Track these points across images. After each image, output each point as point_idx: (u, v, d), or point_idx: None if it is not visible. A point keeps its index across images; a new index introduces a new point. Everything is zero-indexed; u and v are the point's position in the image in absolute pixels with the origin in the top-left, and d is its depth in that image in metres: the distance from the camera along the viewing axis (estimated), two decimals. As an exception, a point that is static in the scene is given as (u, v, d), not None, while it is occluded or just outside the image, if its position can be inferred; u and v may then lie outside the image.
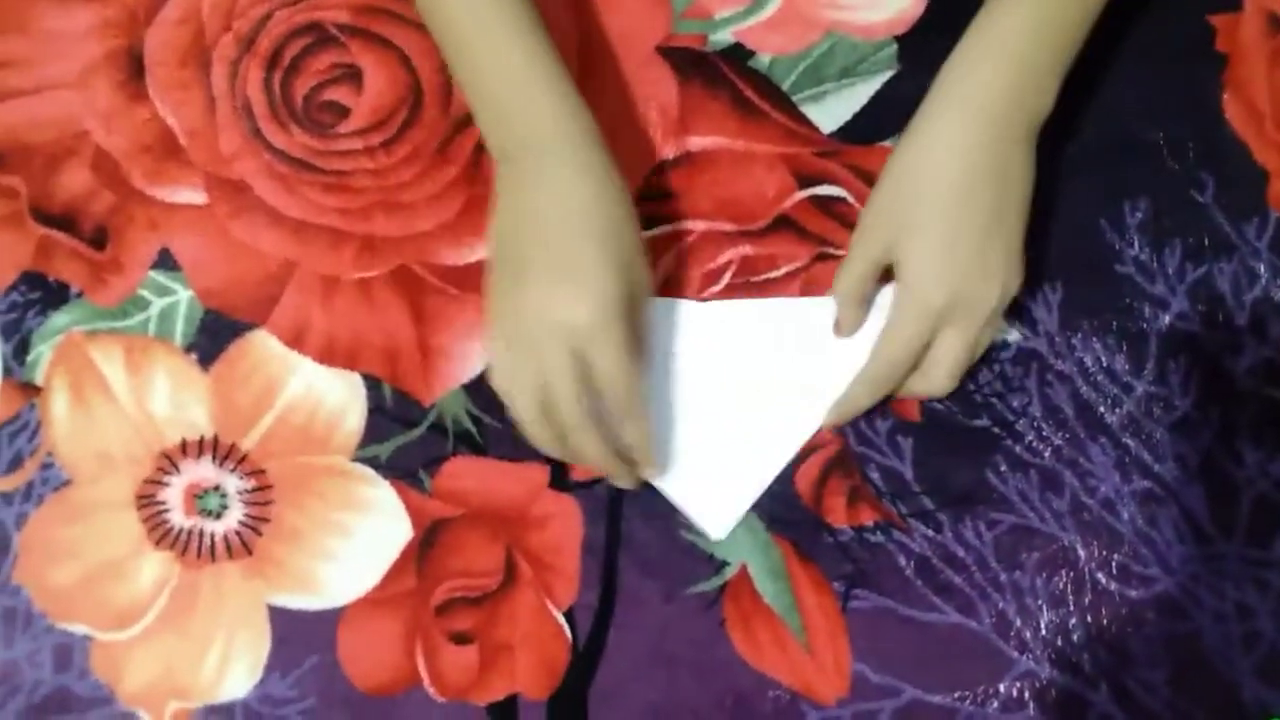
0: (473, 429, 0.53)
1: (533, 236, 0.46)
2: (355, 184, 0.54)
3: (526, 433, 0.48)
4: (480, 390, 0.53)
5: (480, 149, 0.54)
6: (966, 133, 0.46)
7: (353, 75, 0.55)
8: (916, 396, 0.51)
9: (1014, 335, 0.53)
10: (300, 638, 0.51)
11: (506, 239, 0.47)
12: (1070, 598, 0.51)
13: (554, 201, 0.46)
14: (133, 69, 0.56)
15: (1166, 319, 0.53)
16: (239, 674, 0.51)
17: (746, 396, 0.52)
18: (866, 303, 0.51)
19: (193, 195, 0.55)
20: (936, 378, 0.49)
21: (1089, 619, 0.51)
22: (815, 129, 0.54)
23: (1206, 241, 0.53)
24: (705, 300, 0.53)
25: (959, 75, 0.47)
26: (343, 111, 0.55)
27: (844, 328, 0.51)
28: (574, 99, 0.47)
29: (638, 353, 0.47)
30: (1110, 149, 0.54)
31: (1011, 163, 0.47)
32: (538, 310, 0.45)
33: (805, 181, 0.54)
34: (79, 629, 0.52)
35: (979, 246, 0.46)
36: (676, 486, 0.51)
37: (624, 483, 0.50)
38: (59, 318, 0.54)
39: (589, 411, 0.46)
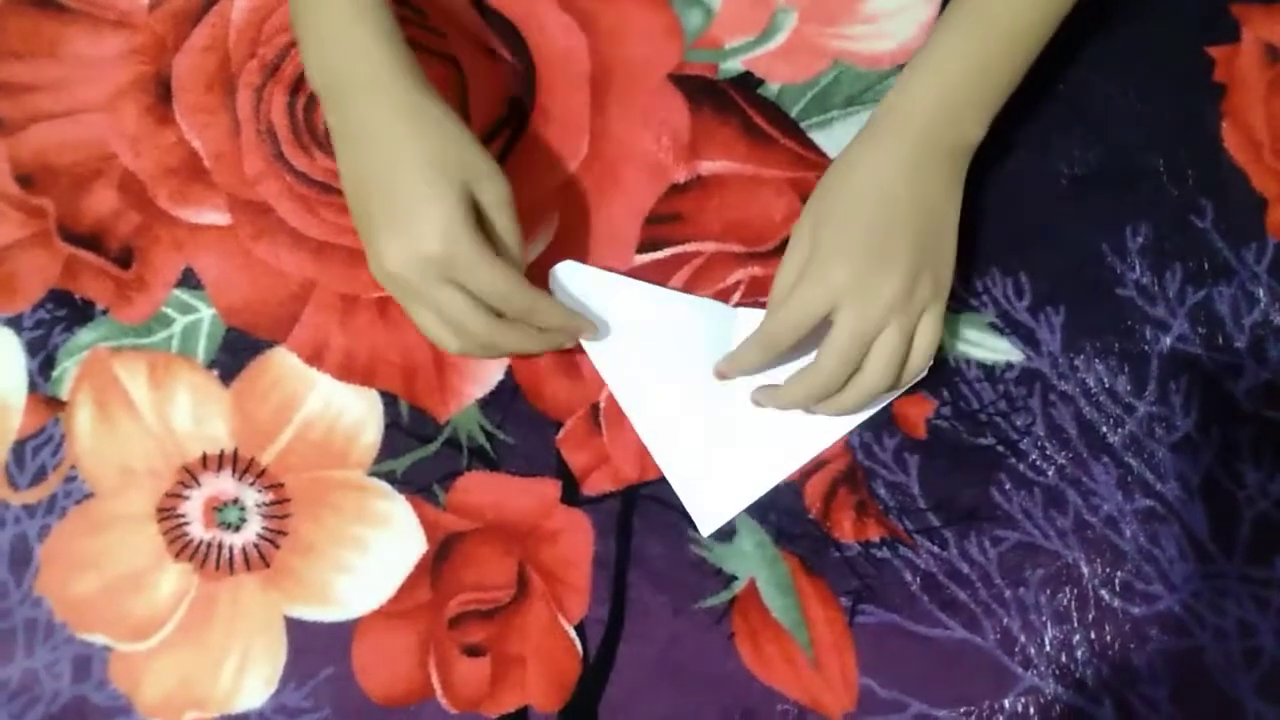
0: (486, 445, 0.54)
1: (368, 189, 0.48)
2: (374, 206, 0.56)
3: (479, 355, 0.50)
4: (494, 407, 0.54)
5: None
6: (888, 149, 0.49)
7: (373, 101, 0.57)
8: (863, 398, 0.49)
9: (1018, 356, 0.54)
10: (316, 649, 0.52)
11: (352, 195, 0.49)
12: (1074, 614, 0.52)
13: (377, 146, 0.47)
14: (160, 94, 0.58)
15: (1167, 341, 0.54)
16: (255, 685, 0.52)
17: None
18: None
19: (216, 216, 0.56)
20: (870, 370, 0.48)
21: (1092, 635, 0.51)
22: (822, 154, 0.56)
23: (1206, 265, 0.54)
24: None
25: (891, 99, 0.50)
26: (363, 136, 0.56)
27: (770, 337, 0.50)
28: (393, 39, 0.48)
29: (508, 247, 0.49)
30: (1112, 175, 0.55)
31: (929, 180, 0.49)
32: (398, 263, 0.46)
33: (813, 205, 0.55)
34: (99, 639, 0.53)
35: (882, 238, 0.48)
36: (678, 476, 0.52)
37: (564, 342, 0.52)
38: (85, 334, 0.55)
39: (492, 319, 0.48)
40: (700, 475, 0.52)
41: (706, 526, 0.52)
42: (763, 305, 0.54)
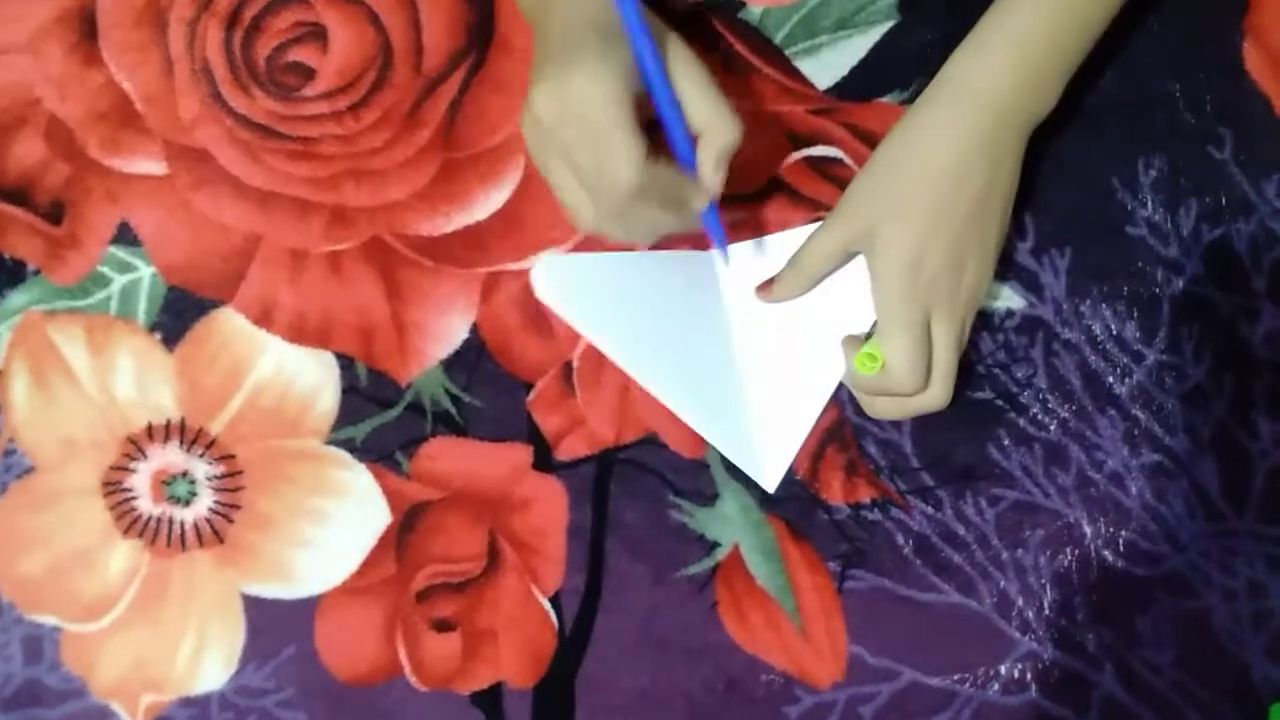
0: (452, 408, 0.51)
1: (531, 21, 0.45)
2: (323, 151, 0.52)
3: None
4: (459, 367, 0.51)
5: (454, 110, 0.51)
6: (964, 121, 0.45)
7: (317, 34, 0.52)
8: (914, 413, 0.47)
9: (1019, 302, 0.50)
10: (276, 627, 0.50)
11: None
12: (1075, 576, 0.49)
13: None
14: (85, 31, 0.53)
15: (1180, 283, 0.50)
16: (214, 665, 0.50)
17: (781, 338, 0.50)
18: (818, 282, 0.49)
19: (152, 165, 0.52)
20: (935, 385, 0.46)
21: (1094, 598, 0.49)
22: (810, 85, 0.51)
23: (1224, 201, 0.50)
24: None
25: (965, 66, 0.46)
26: (308, 73, 0.52)
27: (781, 292, 0.49)
28: None
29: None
30: (1124, 102, 0.51)
31: (1004, 158, 0.46)
32: (543, 105, 0.42)
33: (800, 142, 0.51)
34: (48, 620, 0.50)
35: (960, 233, 0.45)
36: (727, 442, 0.50)
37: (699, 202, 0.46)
38: (16, 297, 0.52)
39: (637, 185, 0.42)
40: (747, 433, 0.49)
41: (770, 482, 0.50)
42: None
